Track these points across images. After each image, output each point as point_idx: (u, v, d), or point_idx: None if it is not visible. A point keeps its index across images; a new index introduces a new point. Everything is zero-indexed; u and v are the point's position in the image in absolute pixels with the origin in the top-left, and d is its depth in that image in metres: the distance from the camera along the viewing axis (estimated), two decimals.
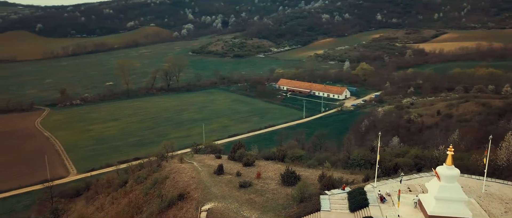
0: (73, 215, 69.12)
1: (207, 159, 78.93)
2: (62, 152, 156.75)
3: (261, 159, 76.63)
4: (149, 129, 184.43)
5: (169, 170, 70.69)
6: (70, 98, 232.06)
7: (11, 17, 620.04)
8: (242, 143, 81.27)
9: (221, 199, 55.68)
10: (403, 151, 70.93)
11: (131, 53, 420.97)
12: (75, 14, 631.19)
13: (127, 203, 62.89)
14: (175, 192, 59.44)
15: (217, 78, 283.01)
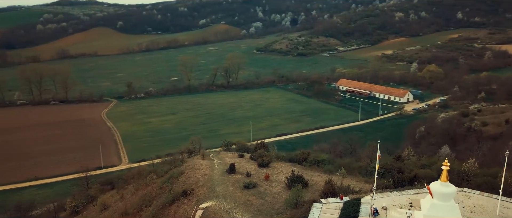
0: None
1: (229, 157, 78.99)
2: (120, 142, 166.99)
3: (282, 160, 75.02)
4: (202, 124, 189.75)
5: (187, 166, 71.93)
6: (136, 91, 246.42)
7: (97, 15, 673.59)
8: (264, 143, 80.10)
9: (221, 198, 55.43)
10: (430, 161, 64.91)
11: (199, 50, 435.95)
12: (152, 12, 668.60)
13: (143, 195, 65.08)
14: (182, 188, 60.24)
15: (276, 77, 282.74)
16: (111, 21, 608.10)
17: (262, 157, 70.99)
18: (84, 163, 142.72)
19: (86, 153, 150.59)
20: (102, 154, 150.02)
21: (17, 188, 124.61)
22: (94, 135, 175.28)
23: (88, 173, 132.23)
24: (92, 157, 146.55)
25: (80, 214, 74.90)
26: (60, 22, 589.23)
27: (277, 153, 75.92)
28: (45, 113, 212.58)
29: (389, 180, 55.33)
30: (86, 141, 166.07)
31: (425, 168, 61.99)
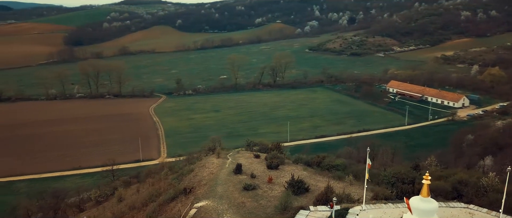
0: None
1: (245, 157, 78.48)
2: (162, 137, 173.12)
3: (298, 163, 73.29)
4: (242, 122, 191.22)
5: (199, 164, 72.62)
6: (184, 88, 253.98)
7: (159, 14, 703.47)
8: (279, 144, 78.54)
9: (218, 198, 55.22)
10: (448, 173, 59.90)
11: (252, 49, 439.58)
12: (210, 11, 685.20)
13: (152, 190, 66.74)
14: (186, 185, 60.89)
15: (325, 77, 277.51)
16: (171, 19, 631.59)
17: (273, 158, 69.84)
18: (126, 155, 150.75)
19: (129, 146, 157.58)
20: (144, 147, 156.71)
21: (62, 175, 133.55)
22: (140, 128, 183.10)
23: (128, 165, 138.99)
24: (134, 149, 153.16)
25: (101, 205, 78.42)
26: (125, 21, 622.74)
27: (289, 155, 73.98)
28: (99, 106, 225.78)
29: (392, 191, 51.85)
30: (131, 134, 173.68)
31: (441, 180, 57.33)
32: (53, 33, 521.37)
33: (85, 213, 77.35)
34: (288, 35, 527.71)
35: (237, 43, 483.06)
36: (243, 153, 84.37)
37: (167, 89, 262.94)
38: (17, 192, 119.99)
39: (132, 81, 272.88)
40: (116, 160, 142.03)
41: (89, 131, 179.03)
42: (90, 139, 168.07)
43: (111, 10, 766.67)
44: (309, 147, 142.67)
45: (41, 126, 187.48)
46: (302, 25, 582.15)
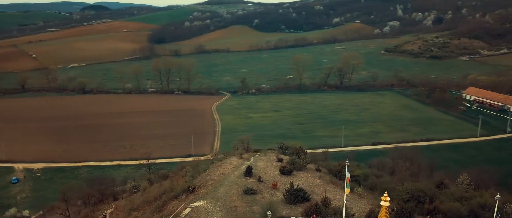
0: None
1: (267, 159, 77.24)
2: (218, 133, 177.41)
3: (318, 170, 70.47)
4: (298, 124, 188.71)
5: (217, 163, 73.13)
6: (249, 87, 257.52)
7: (238, 13, 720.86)
8: (301, 148, 75.85)
9: (215, 200, 55.12)
10: (473, 194, 53.03)
11: (325, 49, 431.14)
12: (288, 11, 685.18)
13: (166, 187, 68.64)
14: (192, 184, 61.63)
15: (396, 80, 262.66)
16: (249, 19, 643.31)
17: (287, 164, 67.82)
18: (180, 149, 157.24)
19: (186, 140, 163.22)
20: (199, 143, 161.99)
21: (120, 165, 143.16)
22: (199, 124, 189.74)
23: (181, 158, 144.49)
24: (189, 144, 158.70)
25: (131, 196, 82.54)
26: (205, 20, 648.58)
27: (305, 160, 71.15)
28: (166, 101, 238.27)
29: (392, 209, 47.30)
30: (190, 130, 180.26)
31: (462, 201, 51.02)
32: (139, 31, 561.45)
33: (116, 202, 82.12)
34: (365, 36, 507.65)
35: (311, 43, 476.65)
36: (270, 155, 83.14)
37: (233, 87, 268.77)
38: (78, 177, 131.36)
39: (201, 79, 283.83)
40: (170, 154, 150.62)
41: (153, 124, 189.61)
42: (151, 132, 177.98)
43: (195, 9, 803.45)
44: (360, 154, 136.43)
45: (112, 117, 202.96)
46: (381, 25, 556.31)
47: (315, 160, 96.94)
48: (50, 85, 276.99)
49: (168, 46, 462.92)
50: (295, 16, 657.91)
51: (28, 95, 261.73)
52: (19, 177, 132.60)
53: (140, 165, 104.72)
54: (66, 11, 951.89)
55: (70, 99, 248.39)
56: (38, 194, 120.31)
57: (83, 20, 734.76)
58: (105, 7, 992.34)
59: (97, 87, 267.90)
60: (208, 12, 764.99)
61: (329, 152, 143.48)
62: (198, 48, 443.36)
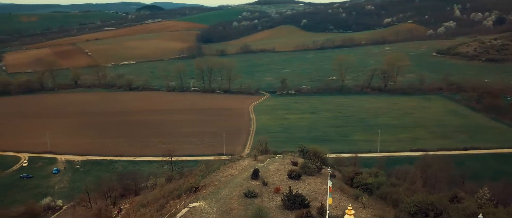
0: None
1: (282, 162, 75.85)
2: (252, 133, 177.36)
3: (332, 177, 68.06)
4: (335, 127, 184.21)
5: (228, 164, 72.87)
6: (288, 88, 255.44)
7: (287, 13, 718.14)
8: (315, 153, 73.52)
9: (214, 201, 54.91)
10: (487, 211, 48.39)
11: (373, 50, 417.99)
12: (338, 11, 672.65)
13: (177, 185, 69.42)
14: (198, 183, 61.80)
15: (445, 84, 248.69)
16: (297, 19, 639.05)
17: (303, 168, 66.15)
18: (212, 147, 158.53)
19: (220, 139, 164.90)
20: (232, 142, 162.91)
21: (153, 161, 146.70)
22: (235, 123, 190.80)
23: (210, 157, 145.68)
24: (222, 143, 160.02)
25: (150, 191, 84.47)
26: (253, 20, 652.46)
27: (317, 165, 68.85)
28: (206, 99, 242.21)
29: None
30: (225, 128, 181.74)
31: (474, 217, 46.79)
32: (189, 31, 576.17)
33: (136, 197, 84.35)
34: (417, 37, 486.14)
35: (359, 44, 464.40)
36: (287, 158, 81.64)
37: (273, 88, 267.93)
38: (112, 170, 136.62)
39: (243, 79, 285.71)
40: (202, 152, 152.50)
41: (190, 122, 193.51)
42: (188, 129, 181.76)
43: (244, 9, 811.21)
44: (394, 160, 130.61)
45: (153, 114, 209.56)
46: (436, 26, 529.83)
47: (338, 165, 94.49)
48: (100, 82, 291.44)
49: (215, 46, 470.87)
50: (344, 16, 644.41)
51: (80, 91, 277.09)
52: (60, 168, 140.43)
53: (163, 162, 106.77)
54: (124, 11, 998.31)
55: (117, 96, 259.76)
56: (74, 185, 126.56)
57: (137, 19, 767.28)
58: (159, 7, 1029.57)
59: (143, 85, 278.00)
60: (257, 12, 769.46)
61: (362, 157, 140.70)
62: (243, 48, 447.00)
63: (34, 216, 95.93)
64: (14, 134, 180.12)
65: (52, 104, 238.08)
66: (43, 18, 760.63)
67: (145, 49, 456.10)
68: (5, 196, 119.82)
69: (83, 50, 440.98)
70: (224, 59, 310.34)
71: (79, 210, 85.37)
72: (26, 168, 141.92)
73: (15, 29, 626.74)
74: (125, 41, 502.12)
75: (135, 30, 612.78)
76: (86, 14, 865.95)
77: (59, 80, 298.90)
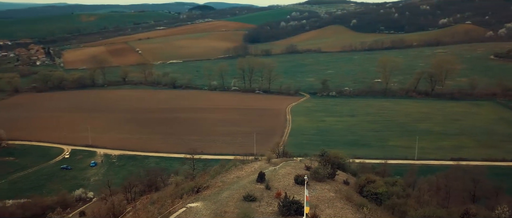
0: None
1: (297, 167, 74.04)
2: (286, 135, 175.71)
3: (346, 184, 65.65)
4: (374, 131, 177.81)
5: (240, 165, 72.29)
6: (329, 89, 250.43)
7: (336, 13, 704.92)
8: (328, 157, 70.89)
9: (212, 203, 54.57)
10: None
11: (425, 52, 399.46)
12: (390, 11, 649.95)
13: (188, 185, 69.83)
14: (199, 184, 61.80)
15: (500, 89, 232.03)
16: (347, 19, 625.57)
17: (314, 173, 64.15)
18: (244, 147, 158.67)
19: (252, 139, 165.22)
20: (264, 143, 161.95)
21: (186, 157, 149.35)
22: (269, 124, 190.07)
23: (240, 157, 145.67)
24: (253, 143, 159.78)
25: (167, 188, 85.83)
26: (301, 20, 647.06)
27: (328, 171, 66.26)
28: (245, 99, 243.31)
29: None
30: (259, 129, 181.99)
31: None
32: (236, 31, 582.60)
33: (155, 194, 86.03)
34: (475, 39, 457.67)
35: (410, 45, 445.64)
36: (304, 162, 79.63)
37: (313, 89, 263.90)
38: (145, 166, 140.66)
39: (284, 79, 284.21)
40: (233, 151, 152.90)
41: (226, 121, 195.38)
42: (222, 128, 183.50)
43: (294, 9, 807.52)
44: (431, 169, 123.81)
45: (192, 111, 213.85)
46: (497, 27, 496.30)
47: (362, 171, 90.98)
48: (147, 79, 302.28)
49: (261, 46, 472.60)
50: (397, 16, 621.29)
51: (127, 88, 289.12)
52: (97, 161, 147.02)
53: (186, 159, 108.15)
54: (178, 11, 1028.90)
55: (160, 93, 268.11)
56: (108, 178, 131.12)
57: (188, 19, 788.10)
58: (211, 7, 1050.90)
59: (186, 83, 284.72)
60: (307, 12, 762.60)
61: (396, 164, 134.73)
62: (289, 48, 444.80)
63: (66, 205, 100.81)
64: (61, 127, 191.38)
65: (99, 100, 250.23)
66: (101, 18, 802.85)
67: (193, 48, 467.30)
68: (45, 185, 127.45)
69: (134, 49, 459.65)
70: (265, 59, 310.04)
71: (102, 203, 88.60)
72: (67, 159, 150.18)
73: (75, 28, 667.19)
74: (175, 40, 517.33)
75: (185, 29, 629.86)
76: (140, 14, 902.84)
77: (109, 77, 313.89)
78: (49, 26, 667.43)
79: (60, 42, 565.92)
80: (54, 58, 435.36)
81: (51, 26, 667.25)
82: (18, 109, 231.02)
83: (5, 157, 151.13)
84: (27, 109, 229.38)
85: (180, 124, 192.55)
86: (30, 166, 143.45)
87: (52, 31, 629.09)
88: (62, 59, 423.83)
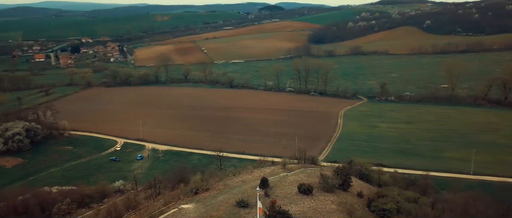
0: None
1: (313, 175, 70.95)
2: (333, 139, 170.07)
3: (359, 196, 61.73)
4: (429, 140, 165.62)
5: (250, 170, 70.98)
6: (388, 94, 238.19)
7: (410, 13, 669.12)
8: (345, 170, 66.82)
9: (204, 205, 54.26)
10: None
11: (505, 57, 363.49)
12: (470, 11, 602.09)
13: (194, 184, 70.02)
14: (199, 185, 61.45)
15: None
16: (420, 20, 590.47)
17: (324, 182, 61.11)
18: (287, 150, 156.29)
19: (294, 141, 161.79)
20: (309, 147, 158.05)
21: (228, 157, 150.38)
22: (319, 128, 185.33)
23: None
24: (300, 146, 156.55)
25: None
26: (371, 21, 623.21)
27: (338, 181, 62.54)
28: (298, 101, 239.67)
29: None
30: (305, 132, 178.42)
31: None
32: (302, 31, 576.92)
33: (172, 192, 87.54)
34: None
35: (489, 49, 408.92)
36: (324, 170, 76.27)
37: (373, 93, 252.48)
38: (188, 162, 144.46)
39: (343, 81, 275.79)
40: (275, 153, 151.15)
41: (274, 122, 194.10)
42: (269, 129, 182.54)
43: (364, 9, 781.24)
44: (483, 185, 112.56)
45: (243, 111, 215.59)
46: None
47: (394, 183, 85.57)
48: (206, 78, 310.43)
49: (324, 46, 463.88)
50: (477, 17, 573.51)
51: (187, 86, 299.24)
52: (144, 155, 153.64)
53: (214, 159, 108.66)
54: (249, 11, 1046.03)
55: (217, 92, 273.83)
56: (150, 172, 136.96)
57: (255, 19, 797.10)
58: (280, 8, 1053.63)
59: (243, 83, 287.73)
60: (378, 12, 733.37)
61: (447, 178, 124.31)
62: (353, 50, 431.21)
63: (103, 195, 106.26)
64: (119, 120, 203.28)
65: (159, 96, 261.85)
66: (174, 18, 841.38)
67: (257, 48, 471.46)
68: (93, 174, 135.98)
69: (200, 48, 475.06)
70: (322, 60, 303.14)
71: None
72: (118, 152, 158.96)
73: (150, 27, 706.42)
74: (240, 40, 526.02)
75: (251, 30, 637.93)
76: (211, 14, 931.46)
77: (172, 74, 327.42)
78: (127, 25, 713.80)
79: (134, 40, 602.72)
80: (127, 55, 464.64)
81: (129, 25, 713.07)
82: (86, 101, 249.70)
83: (65, 146, 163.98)
84: (93, 102, 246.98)
85: (229, 122, 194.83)
86: (84, 156, 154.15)
87: (129, 30, 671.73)
88: (133, 57, 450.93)
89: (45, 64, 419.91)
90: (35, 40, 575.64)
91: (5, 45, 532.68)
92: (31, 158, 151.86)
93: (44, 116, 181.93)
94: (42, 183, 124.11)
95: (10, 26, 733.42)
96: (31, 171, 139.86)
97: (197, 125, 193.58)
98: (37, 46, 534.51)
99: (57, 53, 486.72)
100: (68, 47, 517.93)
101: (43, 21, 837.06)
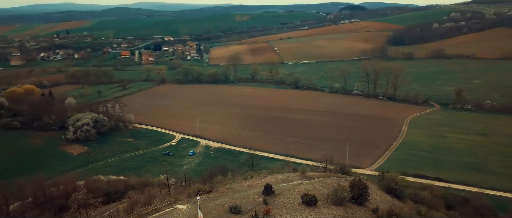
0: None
1: (329, 185, 66.76)
2: (392, 148, 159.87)
3: (374, 212, 57.04)
4: (503, 155, 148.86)
5: (261, 174, 69.05)
6: (464, 101, 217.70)
7: (508, 14, 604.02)
8: (361, 182, 61.71)
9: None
10: None
11: None
12: None
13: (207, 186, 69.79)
14: (201, 187, 60.99)
15: None
16: None
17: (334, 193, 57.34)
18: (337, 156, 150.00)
19: (352, 149, 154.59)
20: (364, 154, 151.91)
21: (276, 158, 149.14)
22: (379, 135, 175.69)
23: None
24: (353, 153, 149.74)
25: None
26: (460, 21, 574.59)
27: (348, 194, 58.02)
28: (363, 105, 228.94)
29: None
30: (364, 138, 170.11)
31: None
32: (380, 32, 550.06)
33: None
34: None
35: None
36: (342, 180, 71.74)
37: (448, 99, 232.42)
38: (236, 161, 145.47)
39: (416, 86, 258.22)
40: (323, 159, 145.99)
41: (333, 126, 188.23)
42: (325, 133, 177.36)
43: (454, 9, 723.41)
44: None
45: (302, 113, 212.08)
46: None
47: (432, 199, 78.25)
48: (273, 78, 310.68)
49: (403, 48, 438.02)
50: None
51: (253, 85, 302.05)
52: (196, 151, 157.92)
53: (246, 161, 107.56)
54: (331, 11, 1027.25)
55: (281, 92, 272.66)
56: (199, 168, 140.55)
57: (334, 20, 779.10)
58: (362, 8, 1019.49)
59: (309, 84, 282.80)
60: (470, 12, 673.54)
61: None
62: (435, 52, 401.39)
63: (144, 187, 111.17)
64: (182, 116, 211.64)
65: (224, 95, 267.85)
66: (252, 18, 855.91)
67: (330, 49, 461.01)
68: (145, 167, 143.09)
69: (273, 48, 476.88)
70: (395, 63, 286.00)
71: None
72: (173, 146, 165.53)
73: (228, 27, 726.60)
74: (314, 40, 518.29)
75: (327, 30, 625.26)
76: (289, 14, 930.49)
77: (240, 74, 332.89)
78: (207, 24, 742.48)
79: (213, 39, 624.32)
80: (203, 54, 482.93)
81: (209, 24, 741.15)
82: (156, 97, 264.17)
83: (127, 138, 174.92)
84: (163, 97, 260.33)
85: (286, 124, 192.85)
86: (142, 148, 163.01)
87: (208, 29, 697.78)
88: (209, 56, 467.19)
89: (129, 60, 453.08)
90: (124, 38, 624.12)
91: (98, 43, 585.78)
92: (95, 147, 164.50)
93: (113, 108, 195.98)
94: (99, 172, 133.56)
95: (106, 25, 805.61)
96: (93, 159, 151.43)
97: (254, 125, 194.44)
98: (125, 43, 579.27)
99: (140, 50, 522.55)
100: (151, 45, 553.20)
101: (134, 21, 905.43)
